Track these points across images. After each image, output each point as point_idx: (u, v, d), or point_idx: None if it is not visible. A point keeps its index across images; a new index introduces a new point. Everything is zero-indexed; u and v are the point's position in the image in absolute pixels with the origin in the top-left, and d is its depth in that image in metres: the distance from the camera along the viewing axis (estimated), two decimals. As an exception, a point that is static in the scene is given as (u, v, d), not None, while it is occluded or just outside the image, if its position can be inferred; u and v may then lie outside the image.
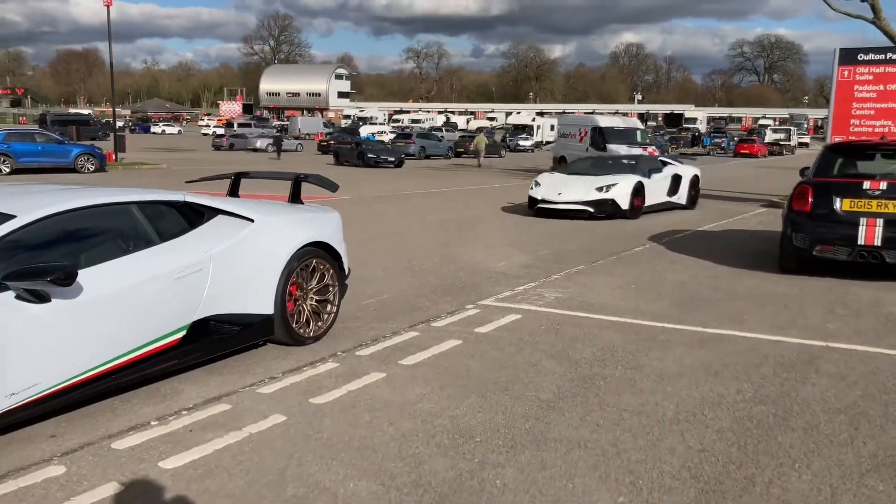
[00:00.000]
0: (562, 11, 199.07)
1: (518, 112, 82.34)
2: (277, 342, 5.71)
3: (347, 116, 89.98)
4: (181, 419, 4.28)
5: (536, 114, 78.23)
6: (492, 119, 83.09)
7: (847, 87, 16.67)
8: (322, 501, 3.37)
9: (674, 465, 3.78)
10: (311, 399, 4.62)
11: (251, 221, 5.49)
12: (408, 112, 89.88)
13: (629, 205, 14.15)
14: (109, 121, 36.89)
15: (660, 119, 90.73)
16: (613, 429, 4.24)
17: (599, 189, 14.14)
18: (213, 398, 4.62)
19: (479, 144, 37.80)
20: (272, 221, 5.70)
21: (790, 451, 3.97)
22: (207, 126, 74.52)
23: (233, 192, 7.21)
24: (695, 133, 65.24)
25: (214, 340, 5.14)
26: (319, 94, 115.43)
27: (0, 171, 24.31)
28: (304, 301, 5.82)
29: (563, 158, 28.27)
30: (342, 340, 5.86)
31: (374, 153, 33.52)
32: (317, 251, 5.88)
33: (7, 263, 4.04)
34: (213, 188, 7.17)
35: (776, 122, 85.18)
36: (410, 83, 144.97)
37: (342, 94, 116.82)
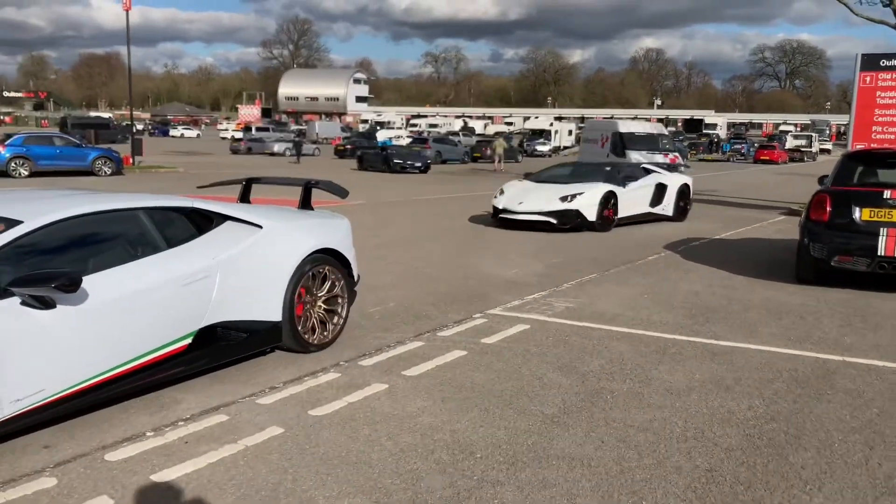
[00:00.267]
0: (581, 16, 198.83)
1: (536, 117, 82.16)
2: (285, 349, 5.65)
3: (365, 121, 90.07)
4: (177, 430, 4.21)
5: (554, 118, 78.08)
6: (509, 124, 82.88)
7: (869, 94, 16.40)
8: (314, 519, 3.28)
9: (679, 486, 3.65)
10: (311, 411, 4.53)
11: (259, 228, 5.45)
12: (425, 116, 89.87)
13: (597, 216, 13.06)
14: (129, 124, 37.13)
15: (679, 125, 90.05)
16: (618, 446, 4.12)
17: (564, 199, 13.03)
18: (212, 408, 4.55)
19: (498, 149, 37.82)
20: (281, 228, 5.65)
21: (801, 472, 3.83)
22: (226, 130, 75.02)
23: (244, 198, 7.17)
24: (714, 139, 64.72)
25: (222, 347, 5.09)
26: (338, 99, 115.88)
27: (19, 174, 24.50)
28: (313, 308, 5.76)
29: None
30: (345, 349, 5.78)
31: (400, 158, 32.67)
32: (326, 258, 5.82)
33: (14, 269, 4.03)
34: (228, 194, 7.12)
35: (797, 128, 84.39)
36: (428, 88, 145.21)
37: (360, 99, 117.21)
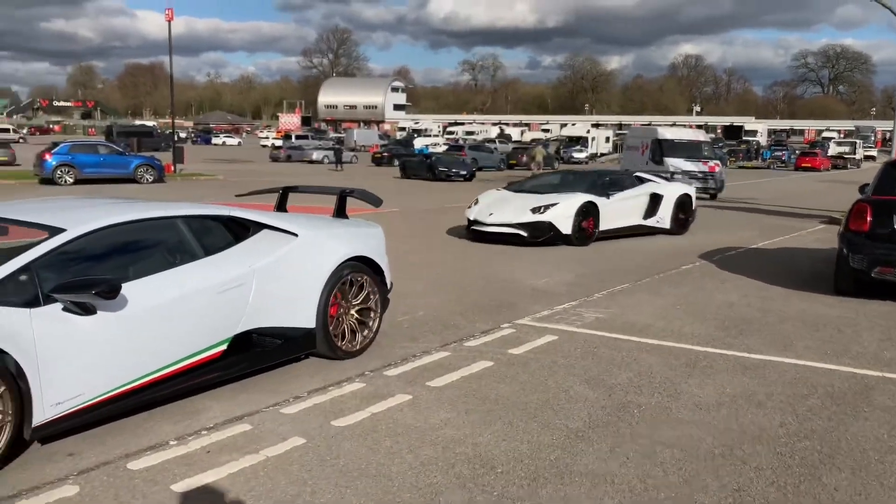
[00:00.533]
0: (619, 23, 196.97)
1: (573, 124, 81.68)
2: (319, 356, 5.68)
3: (402, 128, 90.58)
4: (200, 439, 4.23)
5: (592, 125, 77.54)
6: (546, 131, 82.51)
7: (914, 99, 15.94)
8: (330, 533, 3.26)
9: (705, 506, 3.55)
10: (333, 421, 4.52)
11: (295, 236, 5.51)
12: (462, 124, 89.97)
13: (573, 229, 12.12)
14: (172, 132, 37.83)
15: (718, 131, 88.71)
16: (644, 462, 4.03)
17: (535, 210, 12.11)
18: (236, 418, 4.57)
19: (537, 156, 37.81)
20: (316, 236, 5.70)
21: (835, 495, 3.70)
22: (266, 138, 76.03)
23: (280, 206, 7.24)
24: (754, 145, 63.62)
25: (257, 353, 5.15)
26: (376, 107, 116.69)
27: (65, 182, 25.11)
28: (346, 315, 5.79)
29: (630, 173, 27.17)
30: (372, 359, 5.77)
31: (445, 166, 32.06)
32: (359, 266, 5.86)
33: (57, 276, 4.14)
34: (267, 202, 7.17)
35: (841, 135, 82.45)
36: (466, 95, 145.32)
37: (398, 107, 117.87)
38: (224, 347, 4.89)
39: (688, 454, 4.15)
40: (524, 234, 12.07)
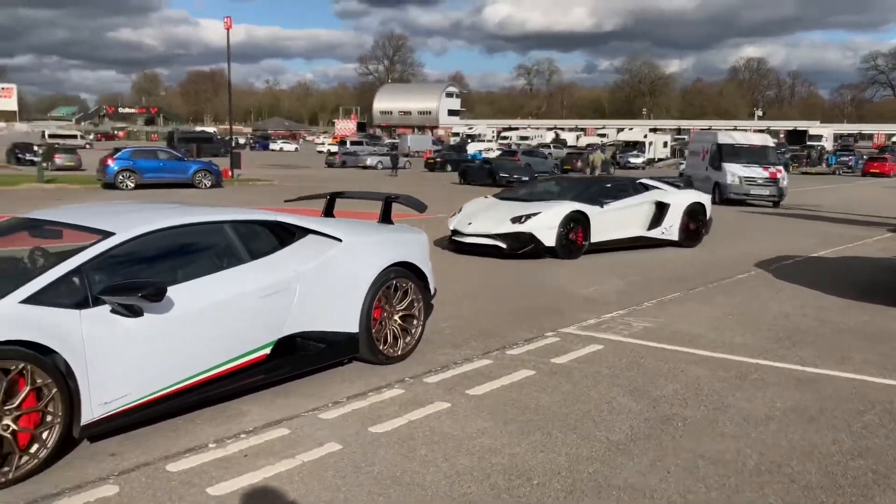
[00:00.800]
0: (679, 26, 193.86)
1: (630, 128, 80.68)
2: (362, 360, 5.71)
3: (456, 134, 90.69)
4: (239, 442, 4.27)
5: (649, 130, 76.45)
6: (602, 135, 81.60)
7: None
8: (360, 541, 3.24)
9: (747, 525, 3.42)
10: (371, 427, 4.52)
11: (339, 241, 5.55)
12: (516, 129, 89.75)
13: (557, 240, 11.06)
14: (233, 138, 38.68)
15: (781, 136, 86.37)
16: (685, 478, 3.90)
17: (516, 220, 11.10)
18: (275, 422, 4.60)
19: (595, 161, 37.49)
20: (360, 241, 5.73)
21: (887, 517, 3.53)
22: (322, 144, 77.11)
23: (328, 212, 7.30)
24: (819, 150, 61.73)
25: (301, 357, 5.20)
26: (430, 112, 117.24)
27: (126, 186, 25.85)
28: (389, 320, 5.81)
29: (690, 180, 25.39)
30: (412, 365, 5.75)
31: (506, 172, 31.17)
32: (403, 271, 5.87)
33: (106, 278, 4.25)
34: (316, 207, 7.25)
35: (912, 139, 79.33)
36: (520, 100, 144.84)
37: (452, 112, 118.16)
38: (268, 351, 4.94)
39: (732, 470, 4.01)
40: (502, 246, 11.09)
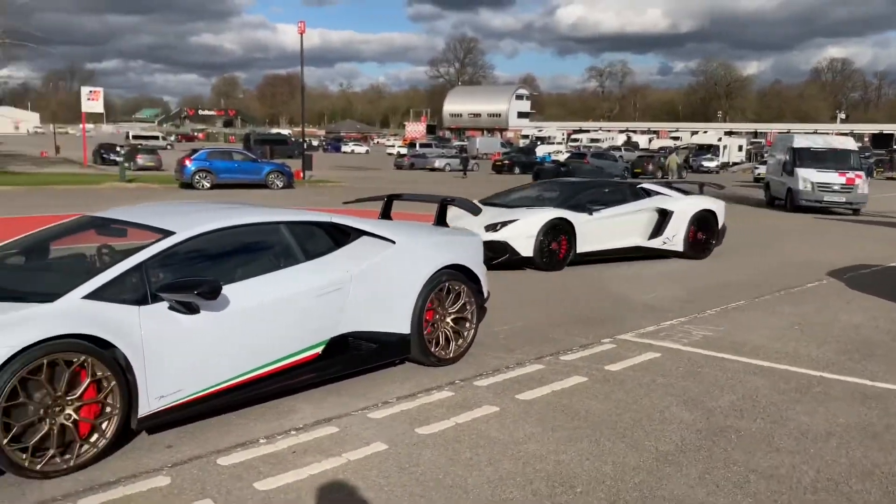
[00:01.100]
0: (758, 26, 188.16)
1: (704, 131, 78.73)
2: (414, 362, 5.76)
3: (526, 136, 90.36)
4: (288, 439, 4.37)
5: (724, 133, 74.49)
6: (675, 138, 79.89)
7: None
8: (398, 542, 3.27)
9: (797, 544, 3.30)
10: (418, 429, 4.55)
11: (393, 243, 5.61)
12: (587, 131, 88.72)
13: (536, 250, 10.20)
14: (307, 140, 39.54)
15: (866, 140, 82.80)
16: (734, 492, 3.80)
17: (490, 227, 10.19)
18: (324, 420, 4.68)
19: (671, 164, 36.99)
20: (413, 243, 5.78)
21: (950, 542, 3.35)
22: (392, 146, 77.97)
23: (385, 213, 7.39)
24: (906, 155, 58.85)
25: (352, 356, 5.27)
26: (500, 115, 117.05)
27: (202, 186, 26.71)
28: (442, 322, 5.83)
29: (768, 185, 25.15)
30: (464, 367, 5.77)
31: (584, 176, 30.39)
32: (456, 274, 5.89)
33: (165, 276, 4.42)
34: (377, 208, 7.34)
35: None
36: (592, 102, 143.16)
37: (522, 114, 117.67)
38: (320, 349, 5.03)
39: (785, 486, 3.87)
40: None
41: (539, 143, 70.48)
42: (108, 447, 3.98)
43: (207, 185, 26.81)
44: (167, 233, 4.60)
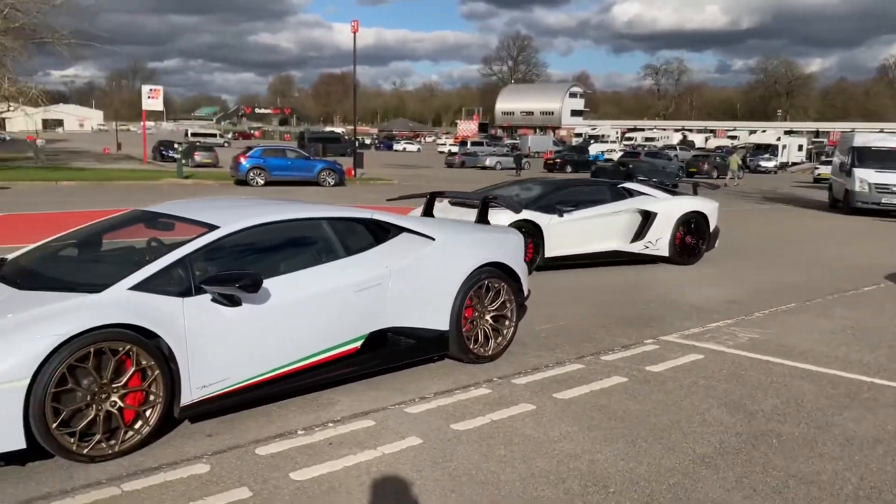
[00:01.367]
0: (822, 22, 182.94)
1: (763, 130, 76.92)
2: (453, 358, 5.79)
3: (579, 135, 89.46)
4: (326, 431, 4.44)
5: (784, 132, 72.62)
6: (733, 137, 78.21)
7: None
8: (427, 535, 3.30)
9: (834, 552, 3.23)
10: (453, 424, 4.57)
11: (432, 240, 5.64)
12: (642, 130, 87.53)
13: None
14: (359, 138, 40.03)
15: (935, 139, 79.68)
16: (772, 497, 3.72)
17: None
18: (361, 413, 4.74)
19: (733, 164, 36.69)
20: (453, 241, 5.80)
21: None
22: (444, 144, 78.15)
23: (427, 211, 7.43)
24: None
25: (391, 351, 5.33)
26: (552, 113, 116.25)
27: (256, 183, 27.23)
28: (481, 320, 5.85)
29: (831, 187, 24.31)
30: (502, 366, 5.77)
31: (645, 175, 29.82)
32: (496, 272, 5.90)
33: (209, 269, 4.53)
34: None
35: None
36: (647, 100, 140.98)
37: (575, 113, 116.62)
38: (359, 344, 5.10)
39: (826, 493, 3.78)
40: None
41: (592, 142, 69.79)
42: (151, 434, 4.11)
43: (261, 182, 27.32)
44: (212, 227, 4.72)
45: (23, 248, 5.29)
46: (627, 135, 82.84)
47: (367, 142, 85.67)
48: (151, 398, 4.07)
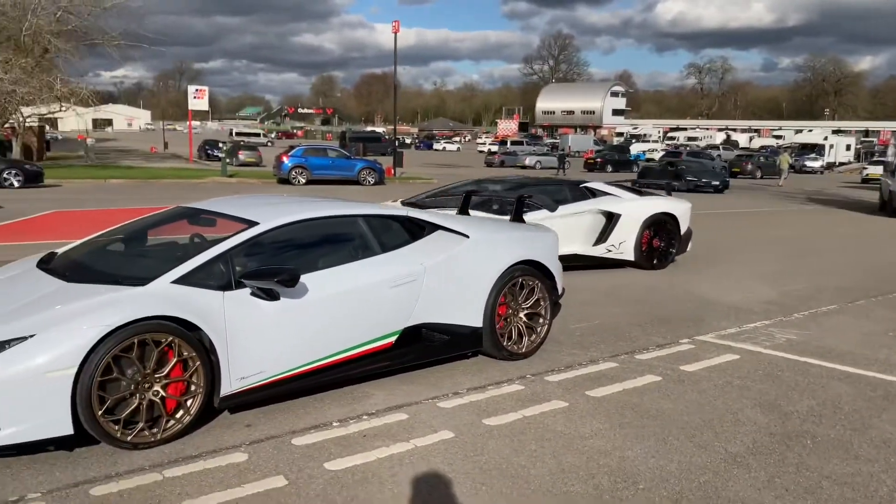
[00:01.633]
0: (873, 18, 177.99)
1: (809, 130, 75.34)
2: (486, 355, 5.85)
3: (620, 134, 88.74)
4: (360, 423, 4.53)
5: (832, 132, 71.03)
6: (778, 137, 76.75)
7: None
8: (456, 525, 3.37)
9: (865, 553, 3.21)
10: (485, 419, 4.63)
11: (467, 237, 5.70)
12: (684, 129, 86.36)
13: None
14: (400, 138, 40.30)
15: None
16: (804, 497, 3.71)
17: None
18: (395, 406, 4.83)
19: (783, 164, 36.01)
20: (487, 238, 5.86)
21: None
22: (483, 143, 78.18)
23: (463, 209, 7.49)
24: None
25: (425, 347, 5.41)
26: (593, 112, 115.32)
27: (298, 182, 27.60)
28: (515, 317, 5.90)
29: (882, 187, 23.12)
30: (535, 363, 5.81)
31: (694, 175, 28.54)
32: (530, 269, 5.94)
33: (248, 264, 4.67)
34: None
35: None
36: (691, 99, 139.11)
37: (616, 112, 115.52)
38: (394, 339, 5.18)
39: (860, 494, 3.75)
40: None
41: (633, 141, 69.11)
42: (192, 423, 4.24)
43: (303, 181, 27.68)
44: (251, 223, 4.85)
45: (72, 243, 5.49)
46: (670, 134, 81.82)
47: (408, 141, 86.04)
48: (192, 388, 4.21)
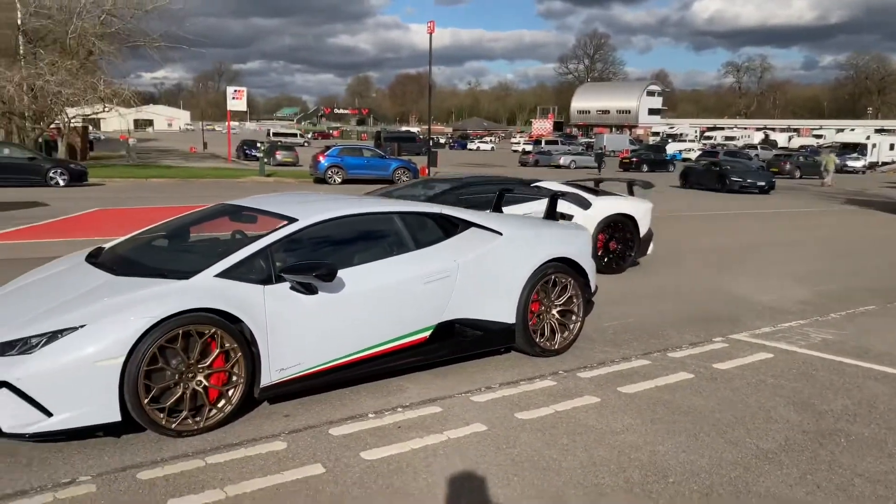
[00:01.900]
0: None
1: (851, 129, 73.87)
2: (519, 351, 5.93)
3: (656, 133, 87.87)
4: (395, 415, 4.64)
5: (874, 131, 69.55)
6: (818, 136, 75.39)
7: None
8: (488, 514, 3.45)
9: (895, 548, 3.22)
10: (517, 413, 4.71)
11: (500, 234, 5.78)
12: (722, 129, 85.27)
13: None
14: (434, 137, 40.46)
15: None
16: (836, 494, 3.72)
17: None
18: (429, 400, 4.93)
19: (829, 164, 35.19)
20: (520, 235, 5.93)
21: None
22: (518, 143, 78.04)
23: (497, 207, 7.56)
24: None
25: (458, 342, 5.51)
26: (629, 112, 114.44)
27: (334, 181, 27.89)
28: (547, 314, 5.96)
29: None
30: (568, 359, 5.86)
31: (739, 175, 27.87)
32: (563, 267, 6.00)
33: (288, 259, 4.81)
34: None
35: None
36: (728, 98, 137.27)
37: (653, 111, 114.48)
38: (428, 334, 5.28)
39: (893, 492, 3.75)
40: None
41: (670, 141, 68.43)
42: (233, 413, 4.39)
43: (339, 181, 27.96)
44: (291, 220, 4.99)
45: (118, 239, 5.69)
46: (707, 134, 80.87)
47: (442, 141, 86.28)
48: (234, 379, 4.36)
